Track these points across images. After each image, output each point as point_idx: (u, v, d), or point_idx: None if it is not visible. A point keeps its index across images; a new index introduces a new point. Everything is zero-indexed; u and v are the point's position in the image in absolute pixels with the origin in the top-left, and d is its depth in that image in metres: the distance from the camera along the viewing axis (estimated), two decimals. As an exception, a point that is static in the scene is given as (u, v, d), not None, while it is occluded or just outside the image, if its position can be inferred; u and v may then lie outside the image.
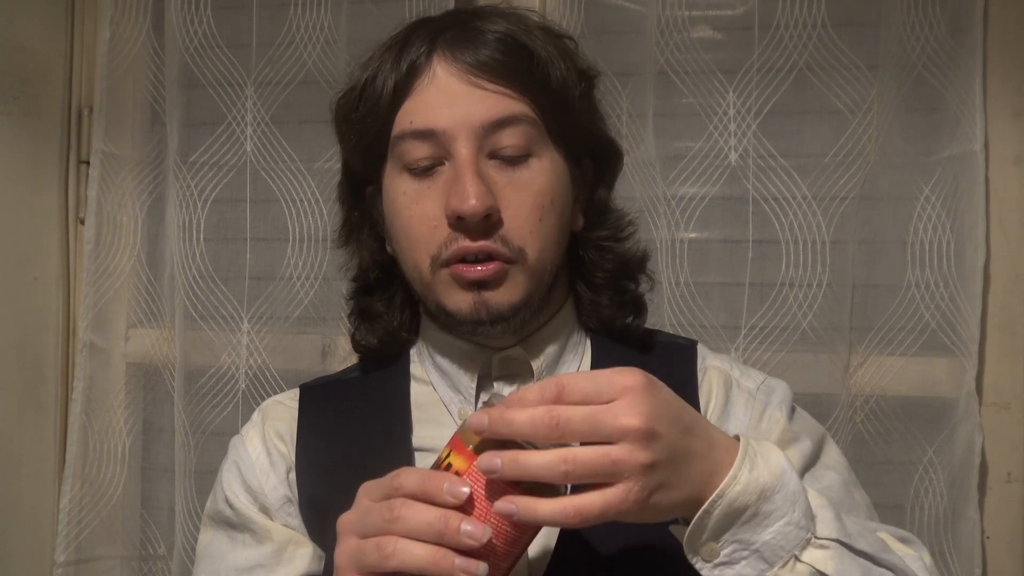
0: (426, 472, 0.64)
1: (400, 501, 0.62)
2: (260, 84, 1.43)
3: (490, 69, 0.79)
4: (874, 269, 1.30)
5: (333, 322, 1.40)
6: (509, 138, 0.79)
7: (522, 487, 0.62)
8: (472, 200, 0.76)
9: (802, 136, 1.33)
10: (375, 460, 0.82)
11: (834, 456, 0.86)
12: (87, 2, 1.55)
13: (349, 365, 0.95)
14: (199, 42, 1.44)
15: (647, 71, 1.32)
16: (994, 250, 1.26)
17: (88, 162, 1.52)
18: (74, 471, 1.48)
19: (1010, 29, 1.27)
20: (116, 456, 1.50)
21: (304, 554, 0.83)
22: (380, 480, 0.65)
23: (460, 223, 0.78)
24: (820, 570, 0.65)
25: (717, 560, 0.65)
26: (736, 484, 0.63)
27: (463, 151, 0.78)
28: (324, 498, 0.83)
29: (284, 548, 0.83)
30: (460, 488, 0.61)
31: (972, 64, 1.25)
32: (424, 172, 0.80)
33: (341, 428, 0.86)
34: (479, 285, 0.79)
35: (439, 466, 0.65)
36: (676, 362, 0.88)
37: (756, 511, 0.64)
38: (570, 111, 0.83)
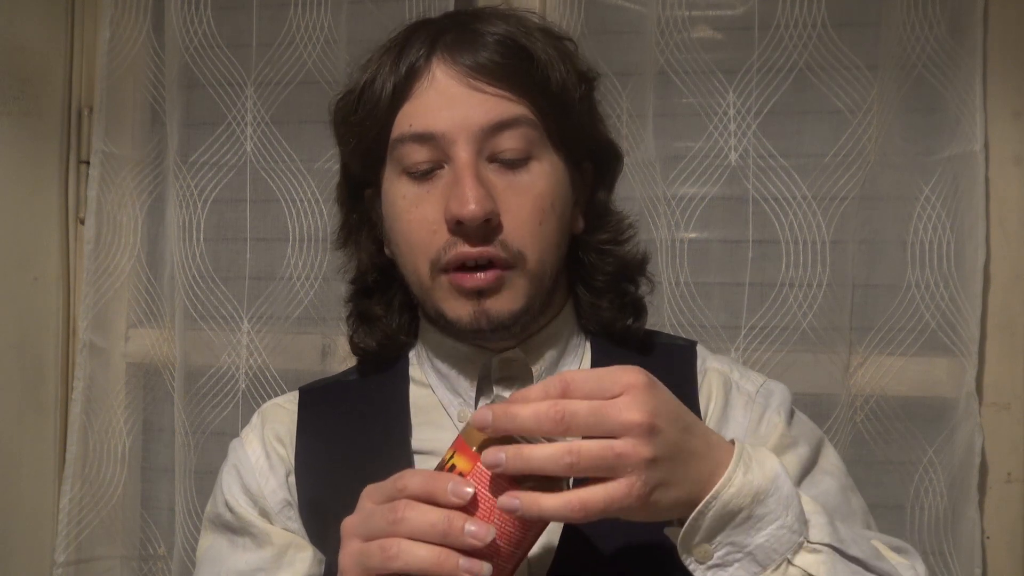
0: (430, 473, 0.64)
1: (404, 503, 0.62)
2: (260, 84, 1.43)
3: (489, 72, 0.78)
4: (874, 269, 1.30)
5: (333, 322, 1.40)
6: (509, 141, 0.79)
7: (526, 485, 0.62)
8: (471, 205, 0.76)
9: (802, 136, 1.33)
10: (374, 463, 0.82)
11: (832, 461, 0.86)
12: (87, 2, 1.55)
13: (349, 366, 0.95)
14: (199, 42, 1.44)
15: (647, 71, 1.32)
16: (994, 250, 1.26)
17: (88, 162, 1.52)
18: (74, 471, 1.48)
19: (1010, 29, 1.27)
20: (116, 456, 1.50)
21: (304, 557, 0.83)
22: (383, 483, 0.65)
23: (459, 228, 0.77)
24: (811, 574, 0.65)
25: (711, 562, 0.65)
26: (731, 486, 0.64)
27: (462, 154, 0.78)
28: (323, 501, 0.83)
29: (284, 552, 0.83)
30: (464, 488, 0.62)
31: (972, 64, 1.25)
32: (423, 175, 0.80)
33: (340, 431, 0.86)
34: (479, 293, 0.79)
35: (443, 468, 0.65)
36: (676, 363, 0.88)
37: (750, 514, 0.64)
38: (570, 113, 0.83)
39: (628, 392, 0.62)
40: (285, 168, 1.44)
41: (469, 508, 0.62)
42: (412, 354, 0.90)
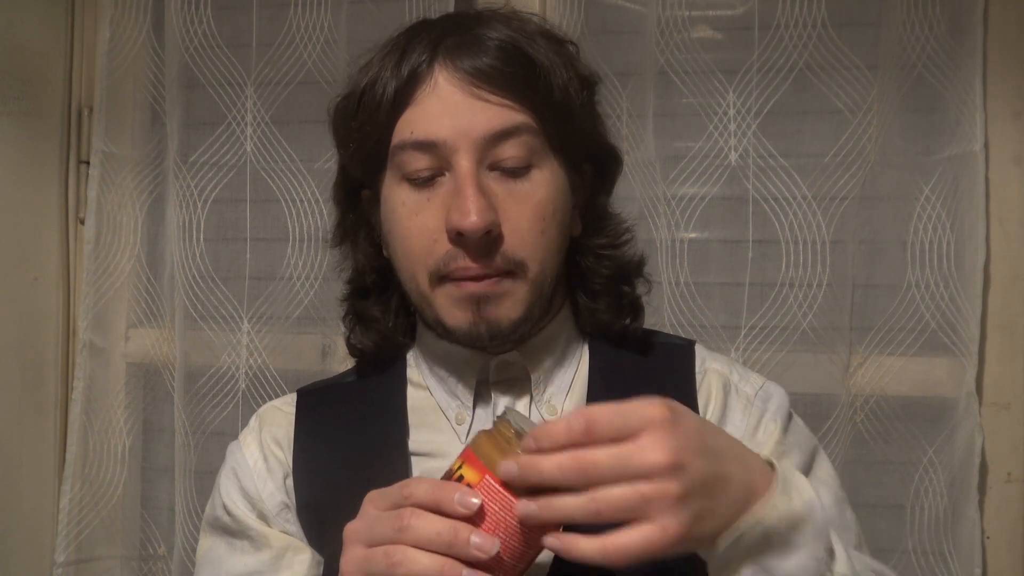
0: (437, 482, 0.64)
1: (410, 510, 0.62)
2: (260, 84, 1.43)
3: (492, 79, 0.77)
4: (874, 269, 1.30)
5: (333, 322, 1.39)
6: (510, 149, 0.78)
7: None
8: (473, 216, 0.75)
9: (802, 136, 1.33)
10: (372, 465, 0.82)
11: (827, 471, 0.86)
12: (87, 2, 1.55)
13: (348, 367, 0.95)
14: (199, 42, 1.44)
15: (647, 71, 1.32)
16: (994, 250, 1.26)
17: (88, 162, 1.52)
18: (74, 471, 1.48)
19: (1010, 29, 1.27)
20: (116, 456, 1.50)
21: (303, 560, 0.82)
22: (388, 489, 0.65)
23: (460, 238, 0.77)
24: None
25: None
26: (773, 511, 0.63)
27: (464, 163, 0.77)
28: (322, 503, 0.83)
29: (283, 554, 0.82)
30: (471, 499, 0.61)
31: (972, 64, 1.24)
32: (424, 183, 0.79)
33: (338, 433, 0.86)
34: (478, 301, 0.78)
35: (449, 477, 0.64)
36: (674, 363, 0.87)
37: (785, 540, 0.64)
38: (572, 120, 0.82)
39: (650, 430, 0.60)
40: (285, 168, 1.44)
41: (475, 519, 0.62)
42: (410, 355, 0.90)
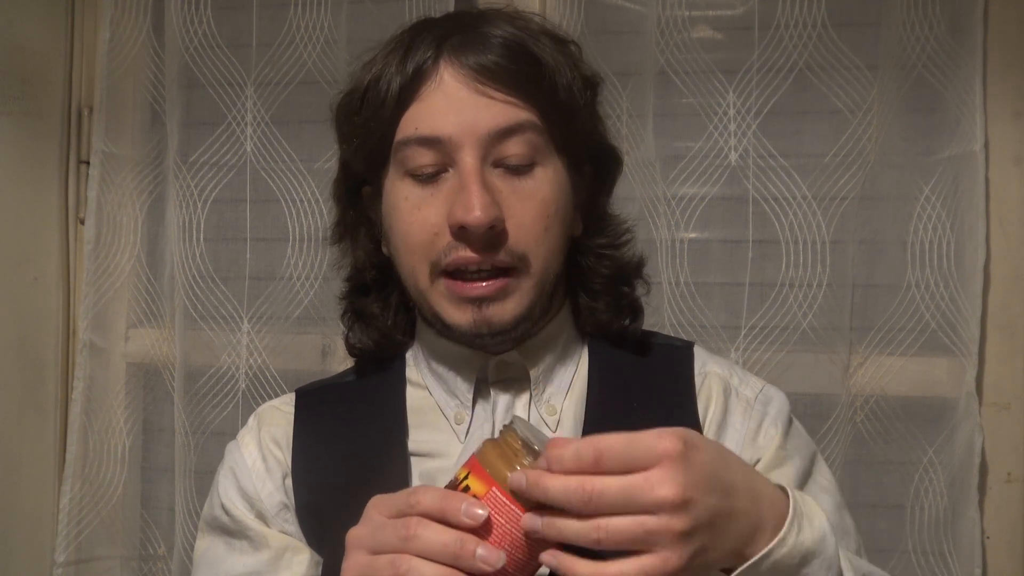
0: (444, 492, 0.64)
1: (416, 520, 0.62)
2: (260, 84, 1.43)
3: (497, 77, 0.78)
4: (874, 269, 1.30)
5: (333, 322, 1.38)
6: (515, 147, 0.78)
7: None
8: (477, 211, 0.75)
9: (802, 136, 1.33)
10: (371, 465, 0.82)
11: (827, 477, 0.86)
12: (87, 2, 1.55)
13: (348, 366, 0.95)
14: (199, 42, 1.44)
15: (647, 71, 1.32)
16: (994, 250, 1.26)
17: (88, 162, 1.52)
18: (74, 471, 1.48)
19: (1010, 29, 1.27)
20: (116, 456, 1.50)
21: (302, 560, 0.82)
22: (393, 496, 0.65)
23: (463, 233, 0.77)
24: None
25: None
26: (783, 546, 0.63)
27: (468, 160, 0.77)
28: (321, 503, 0.82)
29: (281, 555, 0.82)
30: (478, 511, 0.61)
31: (972, 64, 1.24)
32: (428, 179, 0.79)
33: (337, 433, 0.86)
34: (480, 301, 0.78)
35: (455, 486, 0.64)
36: (673, 364, 0.87)
37: (795, 574, 0.64)
38: (575, 119, 0.82)
39: (661, 464, 0.60)
40: (285, 168, 1.44)
41: (480, 531, 0.62)
42: (409, 355, 0.90)
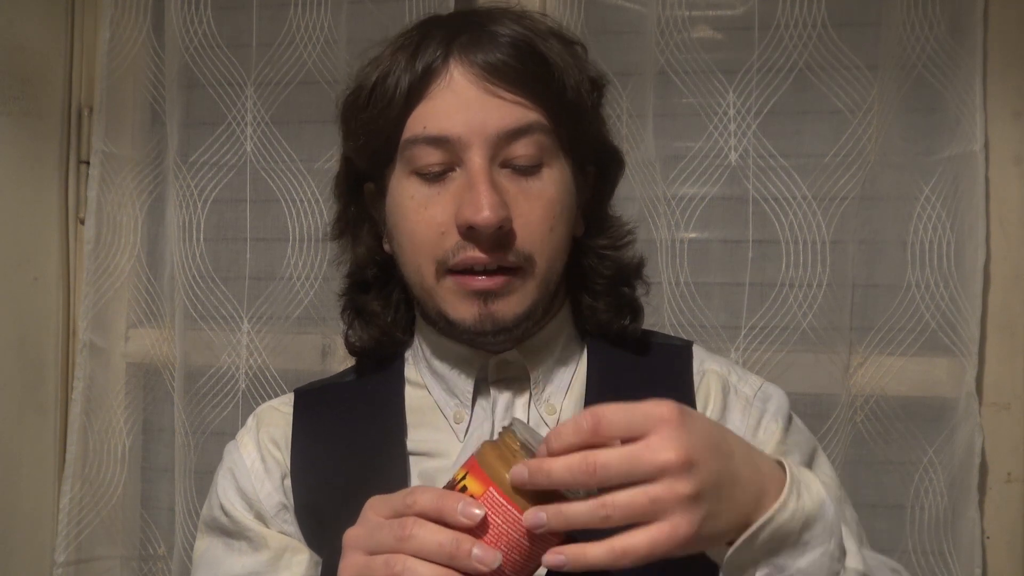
0: (441, 492, 0.63)
1: (412, 520, 0.62)
2: (260, 84, 1.43)
3: (507, 77, 0.78)
4: (874, 269, 1.30)
5: (333, 322, 1.39)
6: (523, 147, 0.78)
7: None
8: (486, 211, 0.75)
9: (802, 136, 1.33)
10: (370, 465, 0.82)
11: (827, 471, 0.86)
12: (87, 2, 1.55)
13: (348, 366, 0.95)
14: (199, 42, 1.44)
15: (647, 71, 1.32)
16: (994, 250, 1.26)
17: (88, 162, 1.52)
18: (74, 471, 1.48)
19: (1010, 29, 1.27)
20: (116, 456, 1.50)
21: (301, 560, 0.82)
22: (390, 496, 0.65)
23: (471, 233, 0.77)
24: None
25: None
26: (785, 511, 0.63)
27: (477, 159, 0.77)
28: (320, 503, 0.82)
29: (281, 555, 0.82)
30: (474, 510, 0.61)
31: (972, 64, 1.24)
32: (435, 178, 0.79)
33: (336, 433, 0.86)
34: (485, 295, 0.78)
35: (452, 487, 0.64)
36: (672, 363, 0.87)
37: (798, 539, 0.64)
38: (582, 121, 0.82)
39: (659, 429, 0.60)
40: (285, 168, 1.44)
41: (477, 531, 0.61)
42: (408, 354, 0.89)
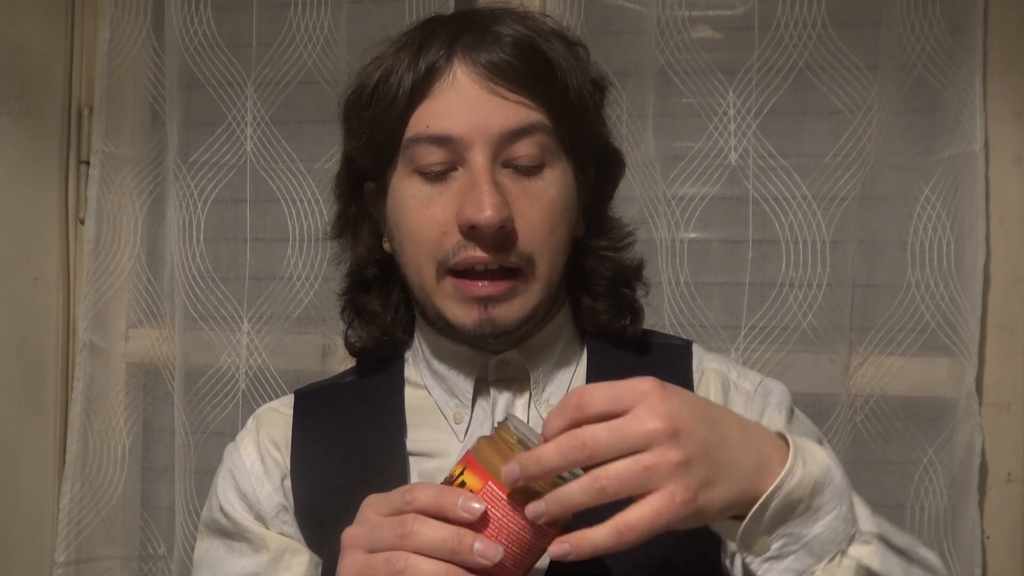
0: (440, 488, 0.63)
1: (413, 517, 0.62)
2: (260, 84, 1.43)
3: (510, 77, 0.78)
4: (874, 269, 1.30)
5: (333, 322, 1.38)
6: (525, 148, 0.78)
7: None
8: (488, 211, 0.75)
9: (802, 136, 1.33)
10: (370, 465, 0.82)
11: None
12: (87, 2, 1.55)
13: (348, 366, 0.95)
14: (199, 42, 1.44)
15: (647, 71, 1.32)
16: (994, 250, 1.26)
17: (88, 162, 1.52)
18: (74, 471, 1.48)
19: (1010, 29, 1.27)
20: (116, 456, 1.50)
21: (301, 561, 0.82)
22: (389, 494, 0.65)
23: (472, 232, 0.77)
24: (866, 564, 0.64)
25: (767, 554, 0.64)
26: (793, 477, 0.63)
27: (479, 159, 0.77)
28: (320, 504, 0.82)
29: (281, 556, 0.82)
30: (474, 504, 0.61)
31: (972, 64, 1.24)
32: (437, 177, 0.79)
33: (335, 434, 0.86)
34: (486, 300, 0.78)
35: (451, 483, 0.64)
36: (672, 363, 0.88)
37: (808, 505, 0.64)
38: (584, 122, 0.82)
39: (643, 401, 0.61)
40: (285, 168, 1.44)
41: (477, 526, 0.62)
42: (408, 355, 0.89)
